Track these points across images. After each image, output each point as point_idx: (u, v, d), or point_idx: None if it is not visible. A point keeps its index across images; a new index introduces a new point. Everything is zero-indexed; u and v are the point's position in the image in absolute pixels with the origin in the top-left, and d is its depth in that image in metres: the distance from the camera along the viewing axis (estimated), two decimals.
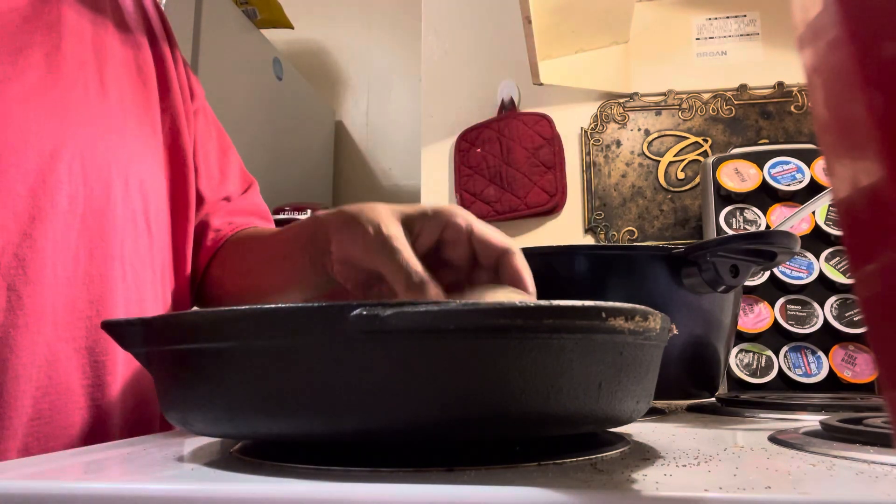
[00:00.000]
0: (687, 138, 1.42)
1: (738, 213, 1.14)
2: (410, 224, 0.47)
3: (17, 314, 0.47)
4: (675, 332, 0.37)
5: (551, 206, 1.43)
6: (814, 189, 1.11)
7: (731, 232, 1.13)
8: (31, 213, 0.48)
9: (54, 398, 0.49)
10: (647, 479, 0.28)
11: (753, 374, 1.05)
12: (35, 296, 0.48)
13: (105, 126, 0.55)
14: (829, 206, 1.07)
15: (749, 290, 1.09)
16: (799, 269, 1.07)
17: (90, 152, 0.53)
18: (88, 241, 0.52)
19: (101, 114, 0.55)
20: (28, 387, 0.47)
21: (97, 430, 0.52)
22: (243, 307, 0.31)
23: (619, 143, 1.45)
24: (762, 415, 0.59)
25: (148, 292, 0.58)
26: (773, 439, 0.42)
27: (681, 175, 1.41)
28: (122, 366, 0.55)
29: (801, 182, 1.12)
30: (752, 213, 1.14)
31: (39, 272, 0.48)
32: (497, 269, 0.45)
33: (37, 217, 0.49)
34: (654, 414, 0.62)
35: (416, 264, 0.43)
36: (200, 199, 0.67)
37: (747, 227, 1.13)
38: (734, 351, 1.07)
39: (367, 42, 2.29)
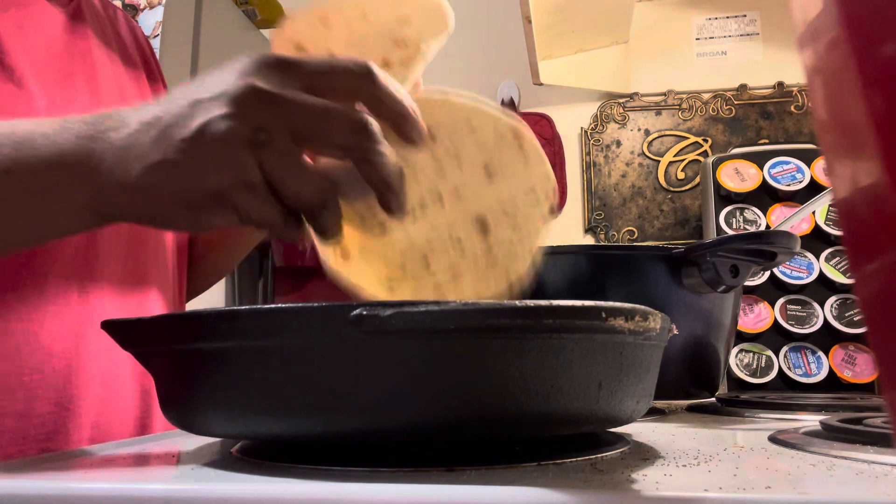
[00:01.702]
0: (687, 138, 1.42)
1: (738, 213, 1.14)
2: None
3: (86, 307, 0.52)
4: (675, 332, 0.37)
5: None
6: (814, 189, 1.11)
7: (731, 232, 1.13)
8: None
9: (115, 384, 0.55)
10: (647, 479, 0.28)
11: (753, 374, 1.05)
12: (97, 291, 0.54)
13: None
14: (829, 206, 1.07)
15: (749, 290, 1.09)
16: (799, 269, 1.07)
17: None
18: (133, 247, 0.58)
19: None
20: (96, 372, 0.53)
21: (146, 414, 0.58)
22: (243, 307, 0.31)
23: (619, 143, 1.45)
24: (762, 415, 0.59)
25: (169, 292, 0.64)
26: (773, 439, 0.42)
27: (681, 175, 1.41)
28: None
29: (801, 182, 1.12)
30: (752, 213, 1.14)
31: (100, 271, 0.54)
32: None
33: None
34: (654, 414, 0.61)
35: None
36: None
37: (747, 227, 1.13)
38: (734, 351, 1.07)
39: None
